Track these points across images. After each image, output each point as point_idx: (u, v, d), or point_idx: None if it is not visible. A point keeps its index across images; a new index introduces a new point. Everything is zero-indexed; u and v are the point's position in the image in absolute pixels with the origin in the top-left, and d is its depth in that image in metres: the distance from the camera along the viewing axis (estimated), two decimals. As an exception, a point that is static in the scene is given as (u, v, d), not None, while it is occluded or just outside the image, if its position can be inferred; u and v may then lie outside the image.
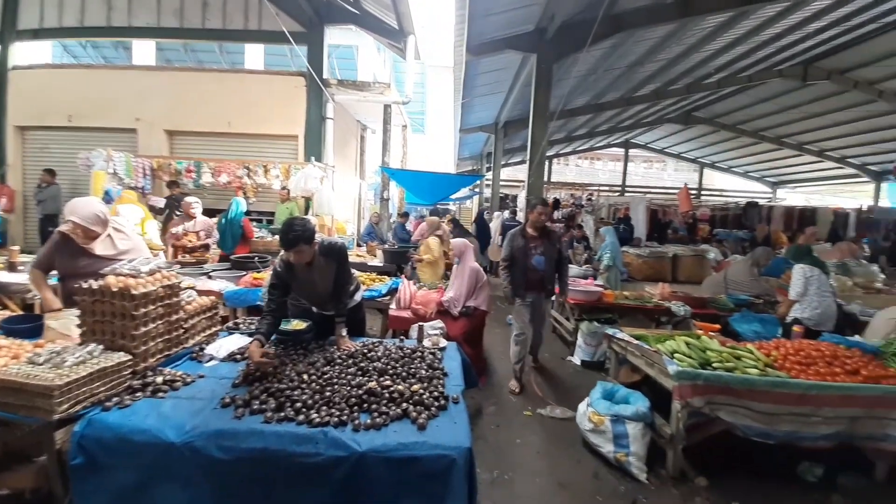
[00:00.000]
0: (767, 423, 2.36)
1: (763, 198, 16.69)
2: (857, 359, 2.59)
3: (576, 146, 18.99)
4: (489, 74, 9.71)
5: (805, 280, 3.38)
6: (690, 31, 8.09)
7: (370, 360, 2.24)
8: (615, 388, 2.83)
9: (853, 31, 8.29)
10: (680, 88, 11.32)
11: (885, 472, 2.49)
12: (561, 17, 6.84)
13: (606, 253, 5.90)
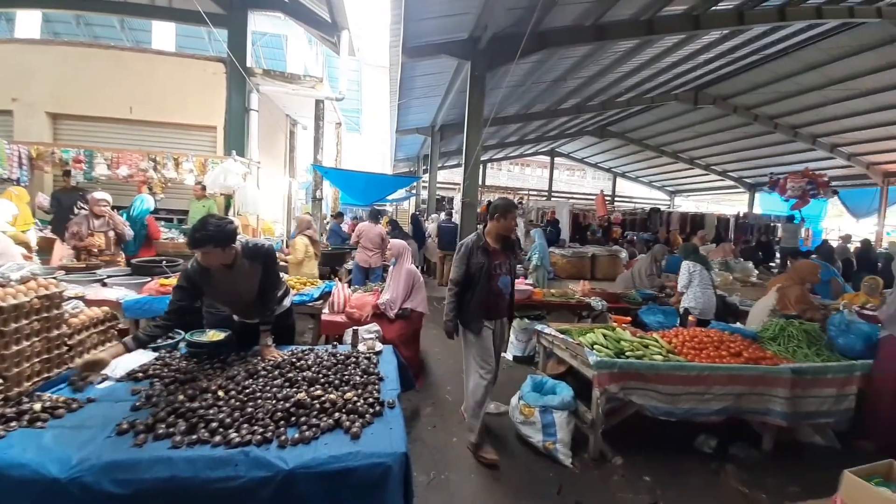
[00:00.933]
0: (670, 402, 2.69)
1: (663, 204, 19.10)
2: (739, 343, 3.06)
3: (508, 152, 19.93)
4: (425, 77, 9.79)
5: (689, 274, 3.93)
6: (605, 53, 8.96)
7: (299, 369, 2.11)
8: (544, 381, 3.01)
9: (734, 64, 9.85)
10: (596, 105, 12.47)
11: (770, 444, 2.91)
12: (493, 29, 7.13)
13: (535, 253, 6.28)
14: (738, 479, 2.58)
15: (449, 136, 13.60)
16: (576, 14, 7.26)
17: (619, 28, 7.57)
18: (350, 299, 3.87)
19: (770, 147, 13.15)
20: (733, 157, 15.02)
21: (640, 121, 14.62)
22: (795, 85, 9.83)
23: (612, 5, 6.87)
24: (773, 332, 3.19)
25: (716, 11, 7.28)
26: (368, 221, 6.07)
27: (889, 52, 7.99)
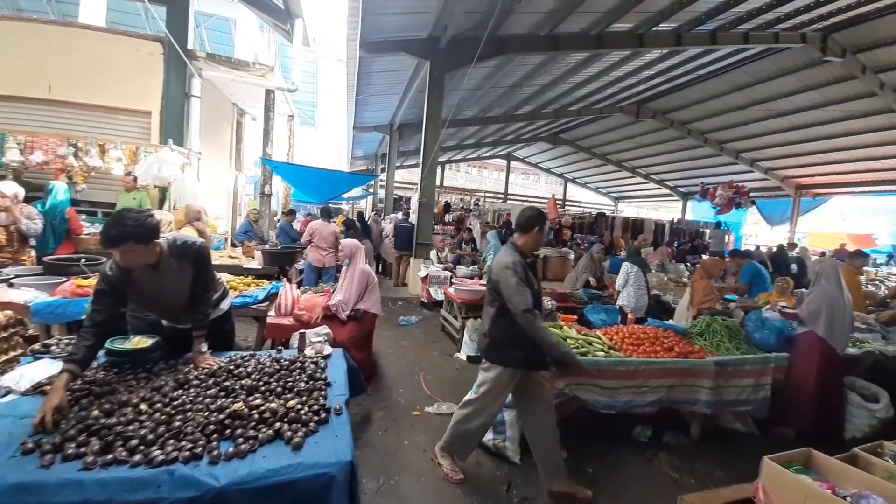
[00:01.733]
0: (611, 396, 2.84)
1: (609, 209, 20.32)
2: (671, 338, 3.30)
3: (466, 154, 20.18)
4: (384, 74, 9.64)
5: (626, 275, 4.22)
6: (558, 63, 9.34)
7: (237, 377, 1.97)
8: (495, 380, 3.06)
9: (672, 81, 10.68)
10: (550, 112, 12.98)
11: (697, 431, 3.17)
12: (452, 31, 7.18)
13: (490, 254, 6.40)
14: (670, 465, 2.79)
15: (408, 135, 13.50)
16: (532, 23, 7.50)
17: (572, 40, 7.93)
18: (299, 301, 3.70)
19: (701, 159, 14.44)
20: (670, 168, 16.32)
21: (590, 130, 15.44)
22: (723, 104, 10.88)
23: (564, 18, 7.18)
24: (701, 328, 3.49)
25: (657, 31, 7.85)
26: (321, 220, 5.85)
27: (806, 76, 9.09)
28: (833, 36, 7.96)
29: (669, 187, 17.96)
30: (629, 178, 18.61)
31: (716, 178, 13.90)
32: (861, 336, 3.87)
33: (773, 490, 1.52)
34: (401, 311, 6.33)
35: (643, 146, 15.08)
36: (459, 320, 4.73)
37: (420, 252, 7.47)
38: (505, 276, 2.20)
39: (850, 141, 10.56)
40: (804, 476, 1.59)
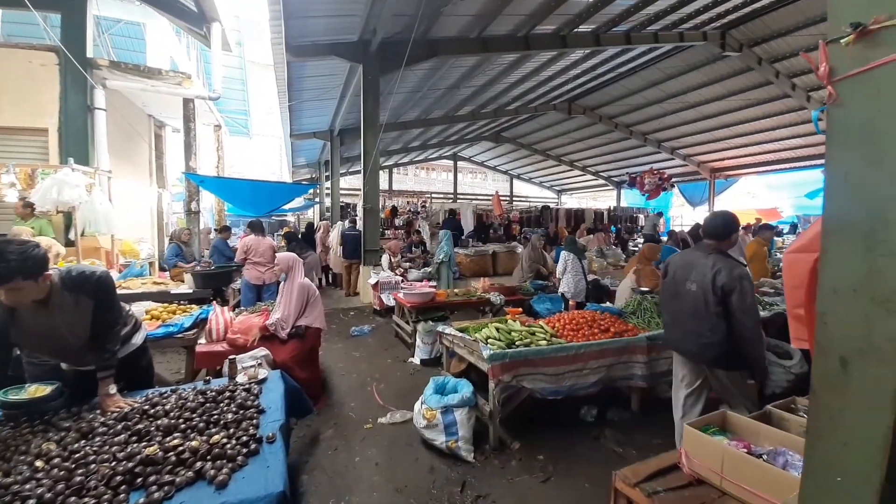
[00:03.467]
0: (555, 382, 2.96)
1: (552, 202, 21.27)
2: (608, 320, 3.50)
3: (413, 157, 20.12)
4: (318, 79, 9.35)
5: (564, 263, 4.45)
6: (491, 65, 9.59)
7: (153, 417, 1.80)
8: (446, 381, 3.06)
9: (596, 79, 11.36)
10: (489, 112, 13.30)
11: (637, 404, 3.41)
12: (382, 34, 7.12)
13: (442, 252, 6.43)
14: (615, 440, 2.96)
15: (350, 140, 13.20)
16: (461, 26, 7.63)
17: (501, 42, 8.18)
18: (233, 324, 3.47)
19: (628, 150, 15.56)
20: (602, 160, 17.42)
21: (528, 128, 16.04)
22: (642, 98, 11.78)
23: (492, 20, 7.38)
24: (633, 307, 3.75)
25: (578, 33, 8.32)
26: (253, 234, 5.52)
27: (709, 71, 10.08)
28: (731, 32, 8.91)
29: (604, 177, 19.16)
30: (568, 171, 19.59)
31: (642, 166, 15.06)
32: (770, 300, 4.35)
33: (694, 454, 1.65)
34: (353, 322, 6.16)
35: (578, 140, 15.95)
36: (411, 325, 4.69)
37: (369, 259, 7.32)
38: (742, 286, 2.24)
39: (751, 126, 11.88)
40: (721, 437, 1.74)
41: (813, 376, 1.04)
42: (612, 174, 18.55)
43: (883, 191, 0.92)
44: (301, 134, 13.30)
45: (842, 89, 0.99)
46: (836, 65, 1.00)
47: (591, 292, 5.08)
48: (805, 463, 1.07)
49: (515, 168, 21.95)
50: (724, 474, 1.53)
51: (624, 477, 1.64)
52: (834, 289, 0.99)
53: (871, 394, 0.93)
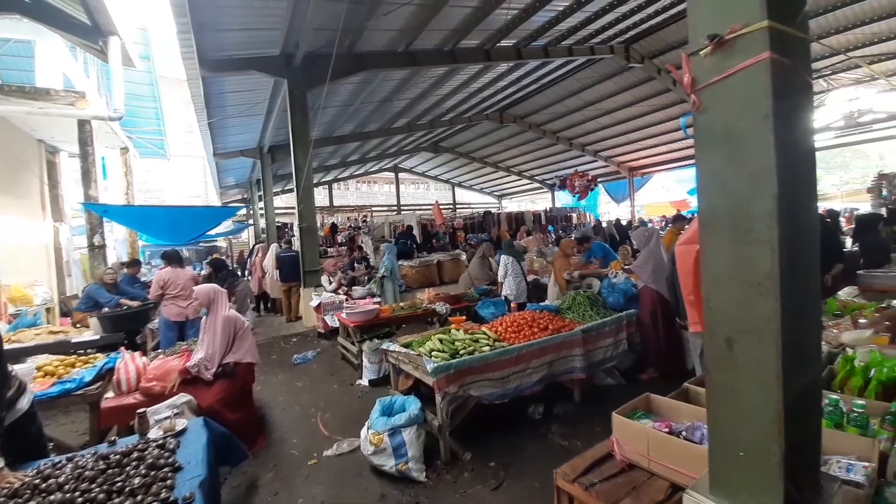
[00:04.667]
0: (501, 385, 2.99)
1: (494, 207, 21.99)
2: (547, 318, 3.63)
3: (352, 171, 19.73)
4: (241, 94, 8.84)
5: (505, 267, 4.59)
6: (422, 78, 9.73)
7: (46, 493, 1.53)
8: (393, 400, 2.97)
9: (523, 90, 12.00)
10: (425, 123, 13.47)
11: (578, 396, 3.54)
12: (306, 48, 6.92)
13: (383, 266, 6.30)
14: (561, 434, 3.05)
15: (282, 157, 12.60)
16: (387, 40, 7.65)
17: (428, 56, 8.34)
18: (147, 370, 3.09)
19: (557, 155, 16.63)
20: (536, 164, 18.42)
21: (465, 137, 16.49)
22: (564, 107, 12.66)
23: (417, 35, 7.50)
24: (568, 303, 3.93)
25: (500, 47, 8.73)
26: (170, 266, 4.97)
27: (619, 81, 11.11)
28: (633, 46, 9.91)
29: (539, 181, 20.22)
30: (506, 176, 20.40)
31: (570, 169, 16.14)
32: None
33: (624, 441, 1.73)
34: (295, 349, 5.80)
35: (512, 147, 16.70)
36: (356, 345, 4.51)
37: (309, 280, 6.97)
38: None
39: (658, 128, 13.26)
40: (646, 420, 1.84)
41: (706, 357, 1.14)
42: (546, 177, 19.63)
43: (744, 186, 1.04)
44: (226, 153, 12.47)
45: (704, 97, 1.11)
46: (697, 75, 1.12)
47: (532, 292, 5.27)
48: (710, 441, 1.16)
49: (456, 176, 22.39)
50: (650, 456, 1.62)
51: (563, 474, 1.68)
52: (714, 276, 1.10)
53: (756, 370, 1.03)
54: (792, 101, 1.05)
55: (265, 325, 7.63)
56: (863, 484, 1.31)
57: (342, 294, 6.42)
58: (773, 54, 0.97)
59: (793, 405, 1.03)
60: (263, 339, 6.61)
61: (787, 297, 0.98)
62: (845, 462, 1.44)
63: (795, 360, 1.06)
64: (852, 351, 2.20)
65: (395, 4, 6.20)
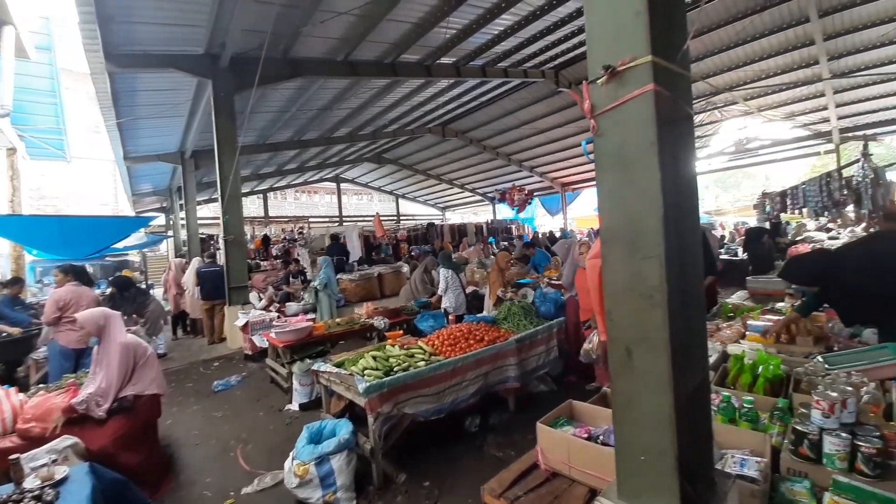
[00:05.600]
0: (437, 400, 2.95)
1: (437, 219, 22.23)
2: (483, 329, 3.67)
3: (290, 180, 18.81)
4: (158, 94, 8.04)
5: (445, 280, 4.61)
6: (363, 88, 9.62)
7: None
8: (322, 425, 2.79)
9: (464, 106, 12.36)
10: (367, 134, 13.30)
11: (513, 404, 3.60)
12: (234, 49, 6.52)
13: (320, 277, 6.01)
14: (496, 445, 3.07)
15: (208, 163, 11.59)
16: (326, 48, 7.48)
17: (369, 67, 8.27)
18: (24, 409, 2.60)
19: (498, 169, 17.33)
20: (477, 178, 19.00)
21: (408, 149, 16.54)
22: (503, 124, 13.28)
23: (357, 45, 7.41)
24: (504, 313, 4.03)
25: (441, 64, 8.94)
26: (70, 284, 4.28)
27: (550, 103, 11.88)
28: (562, 72, 10.68)
29: (480, 194, 20.85)
30: (449, 189, 20.75)
31: (509, 183, 16.89)
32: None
33: (547, 449, 1.78)
34: (217, 374, 5.26)
35: (455, 161, 17.07)
36: (286, 367, 4.20)
37: (235, 298, 6.41)
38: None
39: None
40: (568, 427, 1.91)
41: (610, 365, 1.20)
42: (487, 191, 20.29)
43: (636, 205, 1.12)
44: (140, 157, 11.26)
45: (601, 122, 1.19)
46: (596, 102, 1.20)
47: (472, 303, 5.34)
48: (616, 448, 1.22)
49: (400, 188, 22.32)
50: (570, 463, 1.68)
51: (490, 489, 1.67)
52: (614, 289, 1.17)
53: (651, 376, 1.11)
54: (674, 129, 1.17)
55: (183, 349, 6.86)
56: (757, 479, 1.44)
57: (274, 311, 5.99)
58: (656, 86, 1.07)
59: (684, 407, 1.11)
60: (179, 364, 5.93)
61: (673, 306, 1.07)
62: (739, 457, 1.59)
63: (684, 364, 1.16)
64: (742, 350, 2.48)
65: (331, 13, 6.09)
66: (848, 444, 1.44)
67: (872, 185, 6.27)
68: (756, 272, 5.11)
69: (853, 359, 2.15)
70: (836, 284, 2.35)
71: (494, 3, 6.98)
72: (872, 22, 7.77)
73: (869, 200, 6.22)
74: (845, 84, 9.88)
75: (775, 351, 2.51)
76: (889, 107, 10.43)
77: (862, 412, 1.63)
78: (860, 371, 2.02)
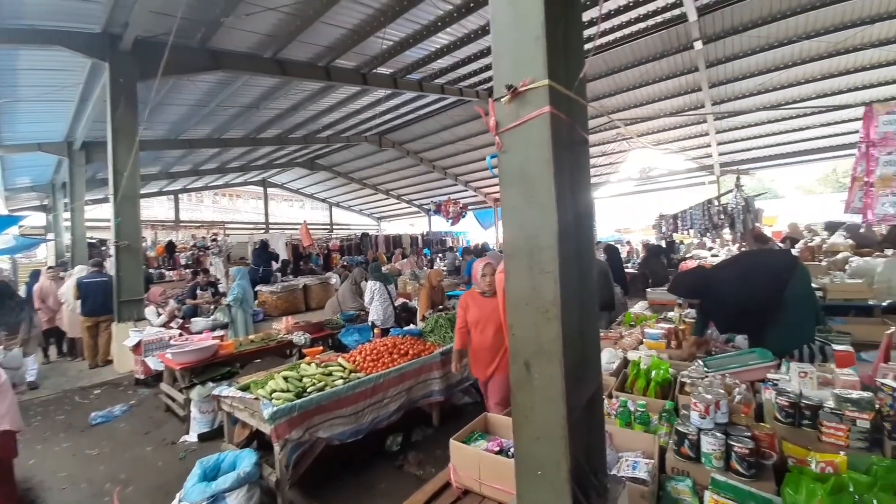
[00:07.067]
0: (355, 421, 2.79)
1: (373, 229, 21.81)
2: (408, 342, 3.59)
3: (208, 181, 17.14)
4: (43, 74, 6.86)
5: (371, 292, 4.48)
6: (294, 89, 9.16)
7: None
8: (220, 458, 2.47)
9: (402, 118, 12.36)
10: (299, 138, 12.67)
11: (437, 418, 3.54)
12: (138, 31, 5.82)
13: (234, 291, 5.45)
14: (417, 463, 2.97)
15: (102, 157, 10.09)
16: (252, 42, 7.01)
17: (301, 68, 7.91)
18: None
19: (434, 182, 17.57)
20: (414, 189, 19.07)
21: (344, 156, 16.07)
22: (439, 139, 13.53)
23: (287, 44, 7.06)
24: (431, 325, 4.00)
25: (377, 73, 8.87)
26: None
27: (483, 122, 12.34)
28: (494, 95, 11.22)
29: (416, 205, 20.92)
30: (385, 199, 20.51)
31: (444, 196, 17.21)
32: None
33: (459, 466, 1.74)
34: (98, 404, 4.46)
35: (391, 171, 16.93)
36: (183, 392, 3.69)
37: (126, 313, 5.54)
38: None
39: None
40: (482, 441, 1.90)
41: (511, 380, 1.20)
42: (423, 202, 20.43)
43: (535, 222, 1.15)
44: (17, 145, 9.51)
45: (505, 139, 1.22)
46: (500, 119, 1.22)
47: (401, 316, 5.23)
48: (515, 462, 1.21)
49: (334, 196, 21.53)
50: (481, 479, 1.66)
51: (400, 515, 1.58)
52: (515, 303, 1.18)
53: (548, 390, 1.12)
54: (571, 152, 1.24)
55: (57, 374, 5.74)
56: (647, 480, 1.53)
57: (175, 328, 5.29)
58: (552, 109, 1.11)
59: (578, 419, 1.15)
60: (50, 393, 4.96)
61: (567, 321, 1.10)
62: (632, 459, 1.69)
63: (580, 377, 1.20)
64: (639, 356, 2.71)
65: (258, 7, 5.73)
66: (722, 443, 1.57)
67: (743, 211, 7.47)
68: (655, 284, 5.74)
69: (727, 362, 2.45)
70: (712, 298, 2.70)
71: (431, 21, 7.13)
72: (752, 73, 9.35)
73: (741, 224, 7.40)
74: (725, 125, 11.75)
75: (667, 356, 2.79)
76: (759, 146, 12.61)
77: (734, 412, 1.84)
78: (733, 374, 2.31)
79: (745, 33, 7.97)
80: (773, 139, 12.18)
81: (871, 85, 9.31)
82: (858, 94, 9.40)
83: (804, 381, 1.97)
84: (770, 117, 11.12)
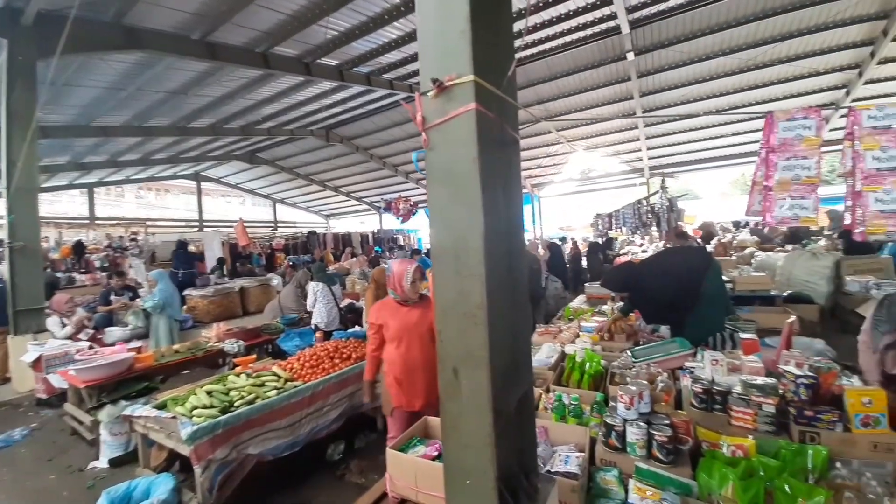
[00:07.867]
0: (291, 433, 2.62)
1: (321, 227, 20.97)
2: (351, 346, 3.45)
3: (130, 174, 15.43)
4: None
5: (314, 294, 4.26)
6: (228, 76, 8.48)
7: None
8: (132, 486, 2.19)
9: (349, 112, 11.93)
10: (236, 129, 11.78)
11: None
12: (42, 3, 5.05)
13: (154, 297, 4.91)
14: (359, 471, 2.86)
15: None
16: (176, 21, 6.38)
17: (233, 53, 7.33)
18: None
19: (384, 179, 17.24)
20: (364, 186, 18.60)
21: (288, 150, 15.22)
22: (389, 135, 13.29)
23: (218, 25, 6.51)
24: (377, 328, 3.87)
25: (322, 64, 8.47)
26: None
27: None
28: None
29: (367, 203, 20.43)
30: (334, 196, 19.78)
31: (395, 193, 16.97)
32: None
33: (396, 475, 1.68)
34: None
35: (340, 167, 16.35)
36: (91, 413, 3.25)
37: (24, 324, 4.79)
38: None
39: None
40: (420, 447, 1.84)
41: (440, 388, 1.16)
42: (373, 200, 20.00)
43: (463, 222, 1.10)
44: None
45: (432, 136, 1.16)
46: (427, 115, 1.17)
47: (347, 317, 5.03)
48: (444, 471, 1.18)
49: (278, 192, 20.38)
50: (418, 487, 1.61)
51: (331, 534, 1.48)
52: (443, 308, 1.13)
53: (475, 397, 1.09)
54: (499, 151, 1.21)
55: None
56: (577, 474, 1.55)
57: (84, 340, 4.66)
58: (478, 106, 1.08)
59: (506, 424, 1.13)
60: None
61: (496, 325, 1.08)
62: (565, 453, 1.73)
63: (510, 381, 1.19)
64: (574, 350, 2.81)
65: (180, -17, 5.21)
66: (645, 432, 1.64)
67: (668, 210, 8.16)
68: (593, 279, 6.07)
69: (652, 352, 2.62)
70: (638, 291, 2.89)
71: (377, 13, 6.94)
72: (675, 84, 10.19)
73: (665, 222, 8.08)
74: (654, 132, 12.76)
75: (600, 348, 2.93)
76: (682, 152, 13.85)
77: (656, 401, 1.96)
78: (657, 363, 2.47)
79: (671, 48, 8.67)
80: (694, 146, 13.47)
81: (776, 98, 10.60)
82: (765, 107, 10.63)
83: (715, 368, 2.14)
84: (691, 125, 12.24)
